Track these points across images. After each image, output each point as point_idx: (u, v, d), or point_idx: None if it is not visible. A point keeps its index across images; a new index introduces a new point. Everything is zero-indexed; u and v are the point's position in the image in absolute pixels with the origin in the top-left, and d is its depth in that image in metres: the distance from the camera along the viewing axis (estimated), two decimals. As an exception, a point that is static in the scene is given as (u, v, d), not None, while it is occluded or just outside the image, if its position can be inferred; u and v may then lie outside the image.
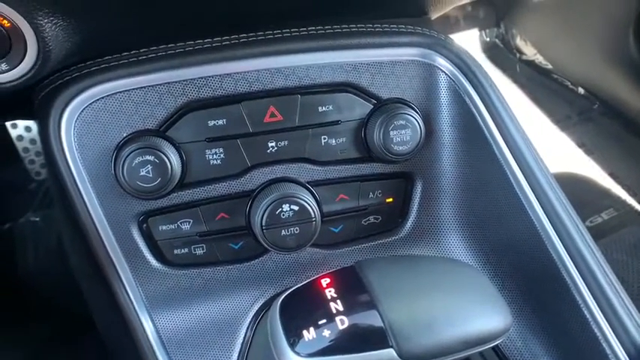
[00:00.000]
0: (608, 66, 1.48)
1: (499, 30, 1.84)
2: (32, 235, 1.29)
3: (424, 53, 0.56)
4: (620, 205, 1.27)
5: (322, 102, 0.55)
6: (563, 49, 1.66)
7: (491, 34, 1.87)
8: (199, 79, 0.53)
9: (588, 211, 1.24)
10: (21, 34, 0.42)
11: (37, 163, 1.31)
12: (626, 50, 1.37)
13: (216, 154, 0.54)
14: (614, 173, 1.60)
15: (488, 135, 0.55)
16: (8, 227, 1.28)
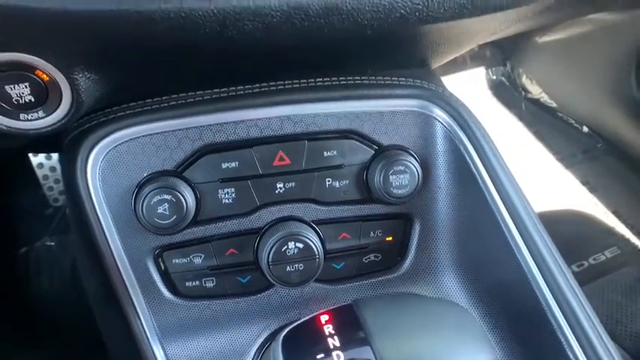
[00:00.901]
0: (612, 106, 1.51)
1: (505, 69, 1.88)
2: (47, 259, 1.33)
3: (422, 104, 0.61)
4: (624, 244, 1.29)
5: (327, 147, 0.60)
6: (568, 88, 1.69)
7: (497, 72, 1.92)
8: (215, 125, 0.57)
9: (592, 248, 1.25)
10: (57, 86, 0.47)
11: (55, 190, 1.36)
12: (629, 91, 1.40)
13: (228, 193, 0.58)
14: (618, 211, 1.62)
15: (481, 182, 0.59)
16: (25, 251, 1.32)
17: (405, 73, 0.65)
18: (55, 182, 1.37)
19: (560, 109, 1.75)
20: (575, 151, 1.75)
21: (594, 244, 1.29)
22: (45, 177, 1.35)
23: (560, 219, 1.40)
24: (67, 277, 1.30)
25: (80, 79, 0.48)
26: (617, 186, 1.66)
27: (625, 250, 1.26)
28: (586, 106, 1.67)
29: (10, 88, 0.46)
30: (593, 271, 1.17)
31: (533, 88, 1.82)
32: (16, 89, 0.47)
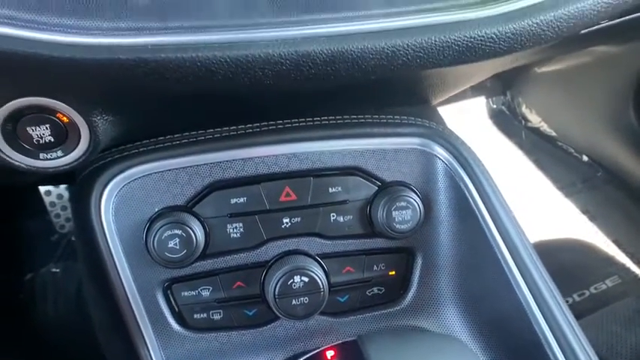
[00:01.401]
0: (611, 135, 1.53)
1: (505, 98, 1.91)
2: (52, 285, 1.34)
3: (424, 142, 0.63)
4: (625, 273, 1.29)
5: (332, 183, 0.62)
6: (567, 118, 1.72)
7: (497, 101, 1.95)
8: (224, 163, 0.60)
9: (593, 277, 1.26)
10: (76, 127, 0.50)
11: (62, 217, 1.38)
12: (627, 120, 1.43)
13: (237, 228, 0.60)
14: (618, 240, 1.63)
15: (480, 218, 0.61)
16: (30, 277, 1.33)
17: (406, 111, 0.67)
18: (62, 209, 1.38)
19: (559, 138, 1.77)
20: (575, 179, 1.76)
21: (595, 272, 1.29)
22: (52, 204, 1.37)
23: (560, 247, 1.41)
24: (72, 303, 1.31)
25: (98, 121, 0.50)
26: (616, 215, 1.67)
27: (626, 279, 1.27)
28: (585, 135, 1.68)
29: (32, 129, 0.49)
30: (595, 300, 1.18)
31: (533, 117, 1.84)
32: (37, 130, 0.49)
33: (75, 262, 1.30)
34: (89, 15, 0.45)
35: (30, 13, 0.44)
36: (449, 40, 0.50)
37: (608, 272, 1.29)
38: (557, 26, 0.52)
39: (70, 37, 0.44)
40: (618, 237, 1.63)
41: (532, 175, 1.83)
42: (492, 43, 0.51)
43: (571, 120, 1.73)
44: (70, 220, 1.39)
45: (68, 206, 1.36)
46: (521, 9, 0.52)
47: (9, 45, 0.43)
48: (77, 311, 1.27)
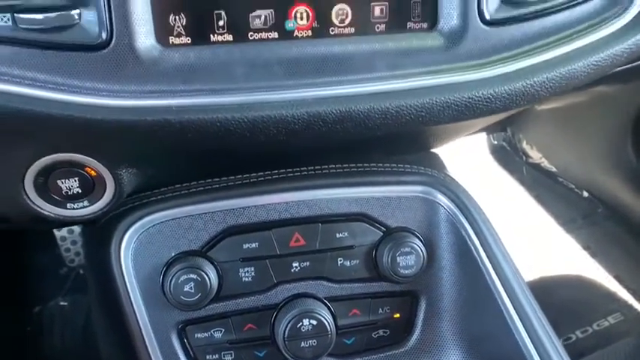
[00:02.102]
0: (610, 171, 1.56)
1: (506, 134, 1.95)
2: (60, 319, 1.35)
3: (426, 190, 0.67)
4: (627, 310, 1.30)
5: (339, 229, 0.65)
6: (567, 154, 1.75)
7: (498, 137, 1.98)
8: (238, 209, 0.63)
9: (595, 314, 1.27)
10: (103, 180, 0.54)
11: (72, 251, 1.41)
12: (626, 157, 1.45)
13: (248, 272, 0.64)
14: (620, 276, 1.64)
15: (481, 264, 0.65)
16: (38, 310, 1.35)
17: (409, 159, 0.71)
18: (71, 244, 1.41)
19: (560, 174, 1.80)
20: (575, 215, 1.78)
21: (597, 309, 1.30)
22: (62, 238, 1.40)
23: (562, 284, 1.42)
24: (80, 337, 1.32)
25: (123, 174, 0.54)
26: (618, 251, 1.69)
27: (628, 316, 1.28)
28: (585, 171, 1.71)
29: (62, 182, 0.53)
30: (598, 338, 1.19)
31: (533, 153, 1.88)
32: (67, 183, 0.53)
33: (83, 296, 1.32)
34: (119, 79, 0.49)
35: (63, 78, 0.49)
36: (449, 101, 0.54)
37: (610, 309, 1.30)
38: (551, 86, 0.57)
39: (101, 99, 0.49)
40: (620, 273, 1.64)
41: (533, 210, 1.85)
42: (489, 102, 0.55)
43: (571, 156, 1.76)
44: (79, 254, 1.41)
45: (78, 240, 1.39)
46: (516, 71, 0.56)
47: (44, 107, 0.47)
48: (84, 345, 1.29)
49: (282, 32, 0.54)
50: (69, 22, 0.48)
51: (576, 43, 0.57)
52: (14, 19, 0.47)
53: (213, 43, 0.53)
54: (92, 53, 0.49)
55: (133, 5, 0.49)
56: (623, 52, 0.57)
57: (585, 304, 1.34)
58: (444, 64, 0.56)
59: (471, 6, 0.55)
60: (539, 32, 0.57)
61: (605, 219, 1.71)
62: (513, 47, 0.57)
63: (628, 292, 1.59)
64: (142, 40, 0.50)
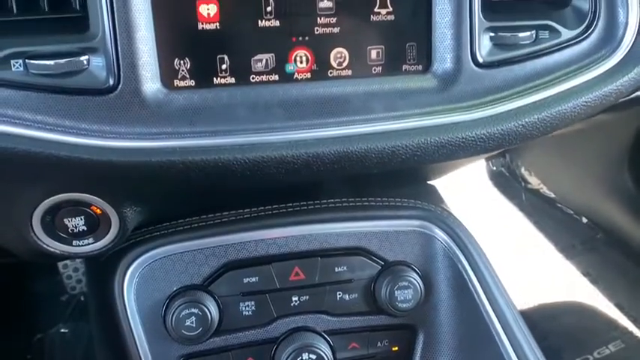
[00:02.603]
0: (608, 198, 1.57)
1: (504, 160, 1.96)
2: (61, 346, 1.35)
3: (423, 225, 0.68)
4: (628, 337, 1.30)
5: (338, 263, 0.66)
6: (565, 180, 1.76)
7: (497, 163, 2.00)
8: (238, 244, 0.65)
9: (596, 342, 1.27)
10: (108, 218, 0.55)
11: (73, 278, 1.42)
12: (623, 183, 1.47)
13: (249, 306, 0.65)
14: (620, 304, 1.64)
15: (477, 297, 0.66)
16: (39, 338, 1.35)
17: (407, 192, 0.73)
18: (73, 271, 1.42)
19: (559, 199, 1.81)
20: (574, 241, 1.79)
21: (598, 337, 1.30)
22: (64, 265, 1.40)
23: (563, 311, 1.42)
24: (80, 366, 1.32)
25: (128, 212, 0.56)
26: (618, 278, 1.69)
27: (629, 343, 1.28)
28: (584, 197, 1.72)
29: (68, 220, 0.54)
30: (600, 366, 1.19)
31: (532, 179, 1.89)
32: (73, 221, 0.55)
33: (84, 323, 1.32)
34: (125, 121, 0.51)
35: (72, 121, 0.51)
36: (443, 141, 0.56)
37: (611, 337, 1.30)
38: (542, 127, 0.59)
39: (108, 141, 0.51)
40: (620, 300, 1.64)
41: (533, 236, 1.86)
42: (482, 142, 0.57)
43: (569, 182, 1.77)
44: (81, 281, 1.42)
45: (80, 267, 1.39)
46: (508, 111, 0.58)
47: (53, 150, 0.49)
48: (85, 373, 1.28)
49: (283, 75, 0.56)
50: (78, 68, 0.50)
51: (566, 85, 0.59)
52: (26, 64, 0.49)
53: (216, 86, 0.55)
54: (100, 97, 0.51)
55: (140, 51, 0.51)
56: (612, 93, 0.59)
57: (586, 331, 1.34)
58: (438, 105, 0.58)
59: (464, 49, 0.58)
60: (531, 74, 0.59)
61: (605, 245, 1.71)
62: (505, 89, 0.59)
63: (629, 320, 1.59)
64: (148, 84, 0.52)
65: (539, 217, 1.91)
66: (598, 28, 0.60)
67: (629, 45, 0.60)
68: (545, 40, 0.60)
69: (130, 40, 0.51)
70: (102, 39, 0.50)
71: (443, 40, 0.58)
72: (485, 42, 0.58)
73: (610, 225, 1.66)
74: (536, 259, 1.80)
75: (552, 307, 1.46)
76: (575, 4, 0.61)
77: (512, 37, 0.59)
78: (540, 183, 1.87)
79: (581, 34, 0.60)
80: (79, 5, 0.51)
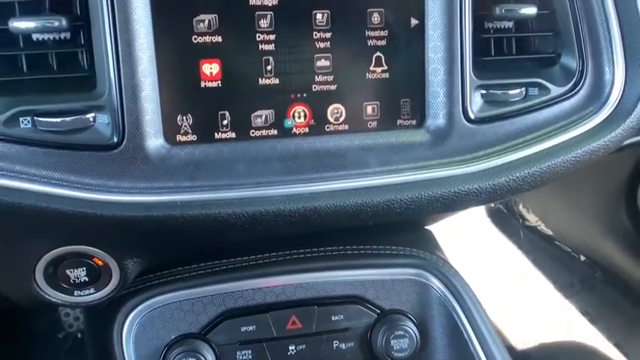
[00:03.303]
0: (606, 236, 1.57)
1: (502, 197, 1.97)
2: (58, 385, 1.34)
3: (419, 273, 0.69)
4: (626, 377, 1.29)
5: (335, 312, 0.67)
6: (562, 218, 1.77)
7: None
8: (236, 292, 0.66)
9: (595, 383, 1.26)
10: (109, 269, 0.57)
11: (71, 316, 1.41)
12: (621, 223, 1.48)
13: (246, 355, 0.65)
14: (619, 344, 1.63)
15: (471, 346, 0.66)
16: (36, 376, 1.34)
17: (403, 239, 0.74)
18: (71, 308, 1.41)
19: (557, 237, 1.81)
20: (573, 280, 1.79)
21: (599, 378, 1.29)
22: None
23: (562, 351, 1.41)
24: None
25: (129, 263, 0.57)
26: (616, 317, 1.68)
27: (628, 383, 1.27)
28: (581, 235, 1.72)
29: (70, 271, 0.56)
30: (600, 408, 1.18)
31: (530, 217, 1.90)
32: (75, 272, 0.56)
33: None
34: (128, 176, 0.53)
35: (77, 176, 0.52)
36: (436, 195, 0.58)
37: (610, 377, 1.29)
38: (532, 181, 0.60)
39: (111, 196, 0.52)
40: (619, 340, 1.63)
41: (531, 274, 1.86)
42: (475, 196, 0.59)
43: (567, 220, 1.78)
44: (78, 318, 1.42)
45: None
46: (500, 166, 0.60)
47: (59, 204, 0.51)
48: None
49: (282, 130, 0.58)
50: (84, 125, 0.52)
51: (555, 140, 0.61)
52: (34, 122, 0.51)
53: (217, 141, 0.57)
54: (104, 153, 0.53)
55: (145, 109, 0.53)
56: (600, 148, 0.61)
57: (587, 372, 1.33)
58: (431, 160, 0.60)
59: (456, 106, 0.60)
60: (521, 129, 0.62)
61: (603, 284, 1.71)
62: (497, 144, 0.61)
63: (627, 360, 1.58)
64: (152, 140, 0.54)
65: (537, 254, 1.91)
66: (585, 86, 0.63)
67: (615, 102, 0.62)
68: (534, 96, 0.62)
69: (135, 99, 0.53)
70: (108, 98, 0.52)
71: (436, 97, 0.60)
72: (476, 99, 0.61)
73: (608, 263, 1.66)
74: (535, 298, 1.80)
75: (551, 347, 1.45)
76: (563, 62, 0.64)
77: (502, 94, 0.61)
78: (538, 220, 1.88)
79: (569, 91, 0.63)
80: (87, 65, 0.54)
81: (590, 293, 1.75)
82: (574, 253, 1.78)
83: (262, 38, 0.56)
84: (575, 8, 0.62)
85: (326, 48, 0.58)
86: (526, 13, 0.61)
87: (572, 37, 0.62)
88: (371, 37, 0.59)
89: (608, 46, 0.62)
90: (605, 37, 0.61)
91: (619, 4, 0.61)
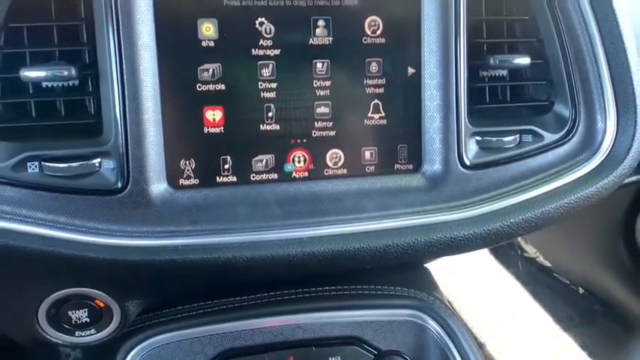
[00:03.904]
0: (604, 269, 1.57)
1: (501, 228, 1.98)
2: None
3: (416, 315, 0.70)
4: (626, 414, 1.28)
5: (332, 353, 0.68)
6: (561, 250, 1.77)
7: (493, 231, 2.01)
8: (235, 332, 0.66)
9: (596, 420, 1.26)
10: (110, 310, 0.58)
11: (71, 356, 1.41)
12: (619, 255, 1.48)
13: (243, 396, 0.66)
14: (619, 380, 1.62)
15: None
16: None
17: (401, 279, 0.75)
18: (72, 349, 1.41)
19: (555, 269, 1.81)
20: (572, 313, 1.78)
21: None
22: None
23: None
24: None
25: (130, 305, 0.58)
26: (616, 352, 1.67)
27: (630, 422, 1.26)
28: (580, 268, 1.72)
29: (72, 312, 0.57)
30: None
31: (528, 248, 1.90)
32: (77, 313, 0.57)
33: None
34: (132, 220, 0.55)
35: (82, 220, 0.54)
36: (432, 240, 0.59)
37: (610, 415, 1.28)
38: (527, 226, 0.62)
39: (115, 240, 0.54)
40: (619, 377, 1.62)
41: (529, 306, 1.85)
42: (470, 241, 0.60)
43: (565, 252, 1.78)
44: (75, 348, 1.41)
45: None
46: (495, 211, 0.61)
47: (64, 248, 0.52)
48: None
49: (282, 174, 0.60)
50: (90, 170, 0.54)
51: (550, 186, 0.63)
52: (41, 167, 0.53)
53: (218, 185, 0.58)
54: (108, 197, 0.54)
55: (149, 155, 0.55)
56: (593, 195, 0.63)
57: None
58: (427, 205, 0.61)
59: (452, 152, 0.62)
60: (515, 175, 0.63)
61: (603, 317, 1.71)
62: (491, 189, 0.62)
63: (628, 397, 1.57)
64: (155, 184, 0.56)
65: (536, 286, 1.91)
66: (578, 133, 0.64)
67: (607, 150, 0.63)
68: (528, 143, 0.64)
69: (140, 145, 0.54)
70: (114, 144, 0.54)
71: (432, 143, 0.62)
72: (471, 145, 0.62)
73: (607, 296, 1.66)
74: (534, 331, 1.79)
75: (550, 382, 1.44)
76: (556, 110, 0.65)
77: (497, 141, 0.63)
78: (536, 252, 1.88)
79: (562, 138, 0.64)
80: (94, 111, 0.56)
81: (589, 327, 1.74)
82: (573, 286, 1.78)
83: (264, 86, 0.58)
84: (567, 58, 0.64)
85: (326, 95, 0.60)
86: (520, 63, 0.64)
87: (564, 86, 0.64)
88: (369, 85, 0.61)
89: (600, 95, 0.63)
90: (596, 87, 0.63)
91: (610, 55, 0.63)
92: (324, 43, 0.59)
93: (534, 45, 0.65)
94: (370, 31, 0.60)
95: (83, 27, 0.55)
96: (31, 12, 0.54)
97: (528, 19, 0.65)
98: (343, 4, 0.59)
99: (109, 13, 0.53)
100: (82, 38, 0.55)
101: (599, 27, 0.62)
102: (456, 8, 0.60)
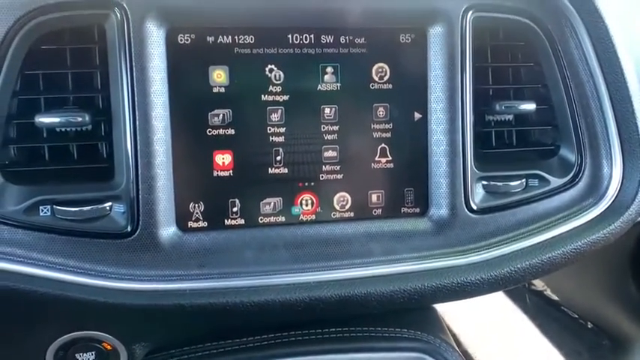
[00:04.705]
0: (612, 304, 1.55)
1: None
2: None
3: (421, 358, 0.69)
4: None
5: (339, 396, 0.67)
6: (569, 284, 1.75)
7: (500, 262, 1.99)
8: (240, 374, 0.66)
9: None
10: (117, 353, 0.58)
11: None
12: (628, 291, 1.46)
13: None
14: (630, 419, 1.58)
15: None
16: None
17: (407, 321, 0.75)
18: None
19: (563, 303, 1.79)
20: (580, 348, 1.75)
21: None
22: None
23: None
24: None
25: (137, 347, 0.58)
26: (625, 389, 1.64)
27: None
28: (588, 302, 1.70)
29: (80, 355, 0.57)
30: None
31: (536, 281, 1.89)
32: (84, 356, 0.57)
33: None
34: (140, 264, 0.55)
35: (91, 264, 0.54)
36: (439, 285, 0.59)
37: None
38: (534, 272, 0.62)
39: (124, 283, 0.54)
40: (630, 417, 1.59)
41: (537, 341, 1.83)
42: (477, 286, 0.60)
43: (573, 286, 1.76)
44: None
45: None
46: (501, 256, 0.61)
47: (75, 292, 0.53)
48: None
49: (289, 217, 0.60)
50: (101, 214, 0.54)
51: (556, 231, 0.63)
52: (53, 210, 0.54)
53: (227, 227, 0.59)
54: (118, 240, 0.55)
55: (159, 199, 0.56)
56: (599, 240, 0.63)
57: None
58: (434, 249, 0.61)
59: (458, 197, 0.62)
60: (522, 220, 0.63)
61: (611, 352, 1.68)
62: (498, 234, 0.62)
63: None
64: (164, 228, 0.56)
65: (543, 320, 1.88)
66: (584, 178, 0.65)
67: (613, 195, 0.64)
68: (534, 187, 0.64)
69: (151, 189, 0.55)
70: (125, 188, 0.55)
71: (438, 188, 0.62)
72: (478, 190, 0.63)
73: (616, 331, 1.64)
74: (542, 366, 1.76)
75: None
76: (562, 154, 0.66)
77: (504, 185, 0.63)
78: (544, 285, 1.86)
79: (568, 182, 0.65)
80: (106, 155, 0.57)
81: (598, 363, 1.71)
82: (581, 320, 1.76)
83: (273, 131, 0.59)
84: (573, 104, 0.65)
85: (333, 140, 0.61)
86: (525, 108, 0.64)
87: (570, 131, 0.65)
88: (376, 129, 0.62)
89: (606, 140, 0.64)
90: (602, 133, 0.64)
91: (615, 101, 0.63)
92: (333, 89, 0.60)
93: (540, 91, 0.66)
94: (377, 77, 0.61)
95: (97, 74, 0.56)
96: (46, 59, 0.55)
97: (534, 65, 0.66)
98: (351, 51, 0.60)
99: (123, 62, 0.54)
100: (96, 85, 0.56)
101: (604, 74, 0.63)
102: (462, 55, 0.61)
